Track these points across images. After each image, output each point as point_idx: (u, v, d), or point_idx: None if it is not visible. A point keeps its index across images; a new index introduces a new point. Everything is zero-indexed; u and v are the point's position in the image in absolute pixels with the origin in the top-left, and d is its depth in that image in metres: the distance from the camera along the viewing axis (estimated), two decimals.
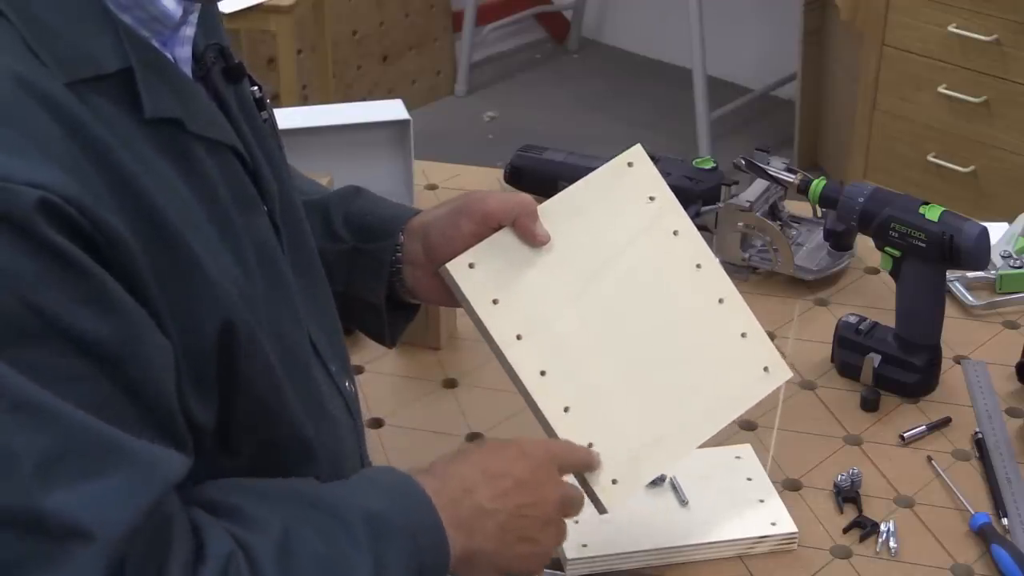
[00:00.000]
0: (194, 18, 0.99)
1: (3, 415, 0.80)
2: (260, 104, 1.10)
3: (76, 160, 0.85)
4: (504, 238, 1.21)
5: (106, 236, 0.85)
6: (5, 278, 0.80)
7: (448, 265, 1.19)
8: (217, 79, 1.03)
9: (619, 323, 1.23)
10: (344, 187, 1.33)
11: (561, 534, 1.14)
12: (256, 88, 1.10)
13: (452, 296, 1.20)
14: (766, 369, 1.27)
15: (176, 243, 0.90)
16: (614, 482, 1.19)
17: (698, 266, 1.27)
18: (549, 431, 1.18)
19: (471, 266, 1.19)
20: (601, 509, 1.19)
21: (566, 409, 1.18)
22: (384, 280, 1.26)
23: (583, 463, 1.17)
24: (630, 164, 1.27)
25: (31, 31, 0.87)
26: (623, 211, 1.26)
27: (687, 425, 1.23)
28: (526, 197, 1.22)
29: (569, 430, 1.18)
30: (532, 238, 1.20)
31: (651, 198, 1.27)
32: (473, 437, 1.45)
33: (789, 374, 1.29)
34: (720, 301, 1.27)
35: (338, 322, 1.17)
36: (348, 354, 1.19)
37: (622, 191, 1.26)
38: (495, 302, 1.19)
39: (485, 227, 1.21)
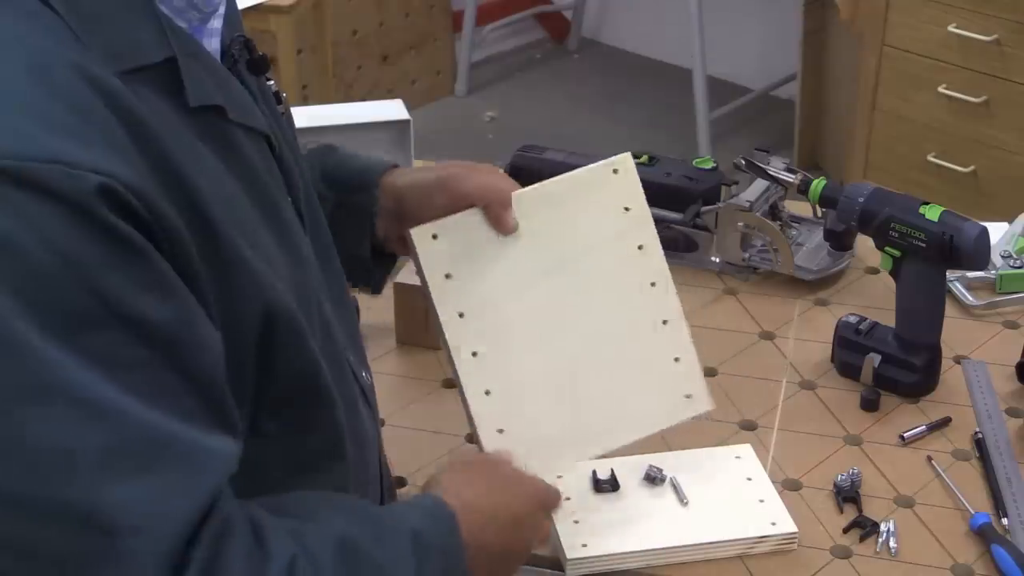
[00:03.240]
0: (223, 9, 1.00)
1: (64, 410, 0.81)
2: (277, 98, 1.11)
3: (132, 149, 0.86)
4: (474, 217, 1.23)
5: (162, 225, 0.86)
6: (70, 263, 0.81)
7: (413, 231, 1.22)
8: (243, 71, 1.04)
9: (561, 322, 1.26)
10: (317, 145, 1.34)
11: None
12: (272, 82, 1.11)
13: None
14: (688, 396, 1.30)
15: (219, 236, 0.92)
16: None
17: (652, 284, 1.29)
18: (467, 408, 1.24)
19: (434, 237, 1.22)
20: None
21: (487, 392, 1.23)
22: (368, 231, 1.28)
23: (555, 506, 1.21)
24: (615, 171, 1.27)
25: (79, 22, 0.88)
26: (596, 215, 1.27)
27: (599, 432, 1.27)
28: (505, 184, 1.24)
29: (484, 412, 1.24)
30: (499, 225, 1.23)
31: (626, 208, 1.28)
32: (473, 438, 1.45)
33: (711, 406, 1.32)
34: (664, 322, 1.29)
35: (354, 313, 1.18)
36: (364, 344, 1.20)
37: (600, 195, 1.27)
38: (448, 276, 1.22)
39: (459, 206, 1.23)
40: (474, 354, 1.23)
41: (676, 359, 1.30)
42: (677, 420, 1.31)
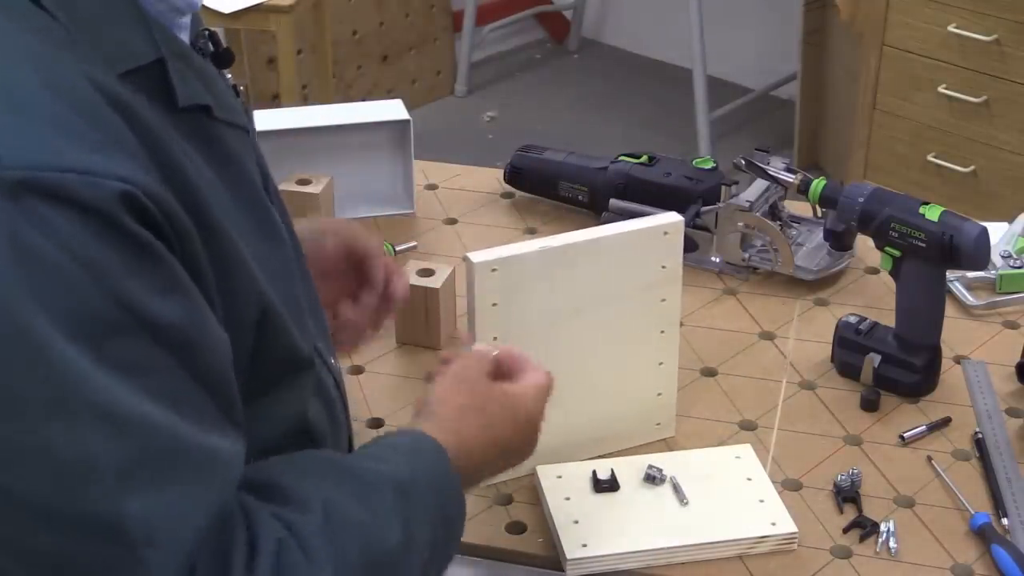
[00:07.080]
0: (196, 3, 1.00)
1: (89, 422, 0.82)
2: (235, 91, 1.12)
3: (143, 154, 0.86)
4: (531, 256, 1.30)
5: (175, 228, 0.87)
6: (94, 271, 0.82)
7: (476, 263, 1.28)
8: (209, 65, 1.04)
9: (572, 351, 1.35)
10: None
11: None
12: (230, 76, 1.12)
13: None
14: (659, 424, 1.44)
15: (220, 236, 0.92)
16: None
17: (662, 331, 1.41)
18: None
19: (493, 270, 1.29)
20: None
21: None
22: None
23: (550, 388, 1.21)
24: (665, 233, 1.36)
25: (78, 28, 0.88)
26: (636, 269, 1.36)
27: (578, 444, 1.39)
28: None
29: None
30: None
31: (663, 266, 1.37)
32: None
33: (673, 433, 1.45)
34: (660, 364, 1.42)
35: (318, 298, 1.19)
36: (330, 332, 1.21)
37: (645, 252, 1.36)
38: (494, 305, 1.29)
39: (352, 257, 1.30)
40: None
41: (659, 394, 1.43)
42: (645, 440, 1.44)
